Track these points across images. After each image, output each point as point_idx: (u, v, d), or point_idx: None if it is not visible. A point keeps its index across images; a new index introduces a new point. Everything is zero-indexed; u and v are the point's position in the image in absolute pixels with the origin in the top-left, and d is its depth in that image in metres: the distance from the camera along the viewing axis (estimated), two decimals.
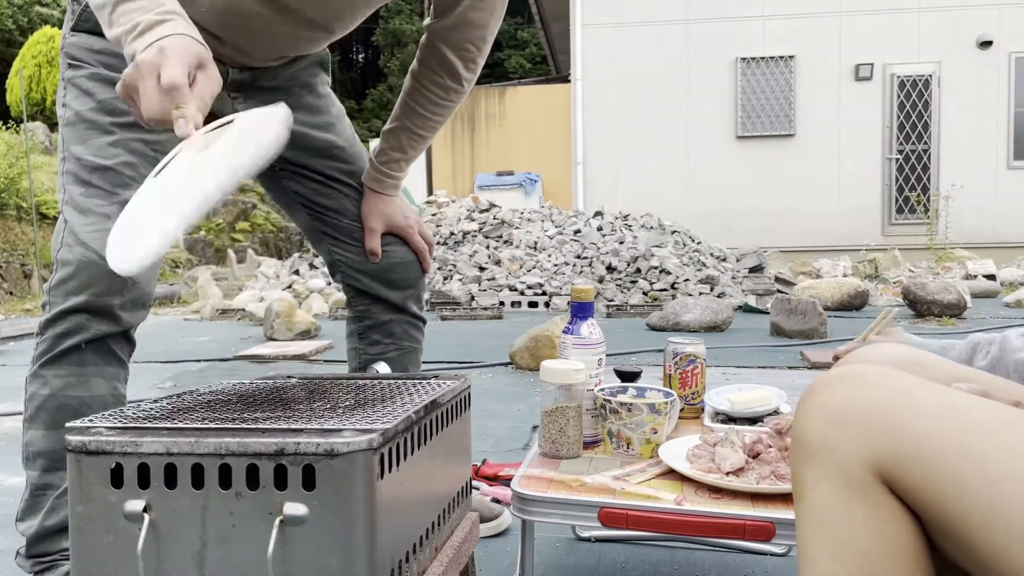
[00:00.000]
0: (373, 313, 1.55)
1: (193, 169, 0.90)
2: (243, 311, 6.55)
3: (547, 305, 6.77)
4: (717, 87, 10.21)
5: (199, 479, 0.74)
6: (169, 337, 5.47)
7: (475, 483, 1.88)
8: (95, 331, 1.23)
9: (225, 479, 0.74)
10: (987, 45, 9.83)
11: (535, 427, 2.64)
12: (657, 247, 7.38)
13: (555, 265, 7.26)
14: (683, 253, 7.43)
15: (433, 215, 8.66)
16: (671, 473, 1.15)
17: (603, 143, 10.38)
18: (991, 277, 8.14)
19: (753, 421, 1.39)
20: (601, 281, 7.02)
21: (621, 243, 7.51)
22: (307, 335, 5.14)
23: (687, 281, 6.87)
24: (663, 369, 1.50)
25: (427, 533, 0.94)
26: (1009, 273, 8.29)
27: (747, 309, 6.37)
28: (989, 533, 0.61)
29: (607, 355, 1.38)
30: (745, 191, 10.18)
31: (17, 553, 1.31)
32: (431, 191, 11.85)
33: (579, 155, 10.45)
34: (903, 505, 0.67)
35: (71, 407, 1.24)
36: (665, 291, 6.81)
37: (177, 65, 0.95)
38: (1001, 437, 0.64)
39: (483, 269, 7.42)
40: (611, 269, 7.17)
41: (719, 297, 6.64)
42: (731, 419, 1.41)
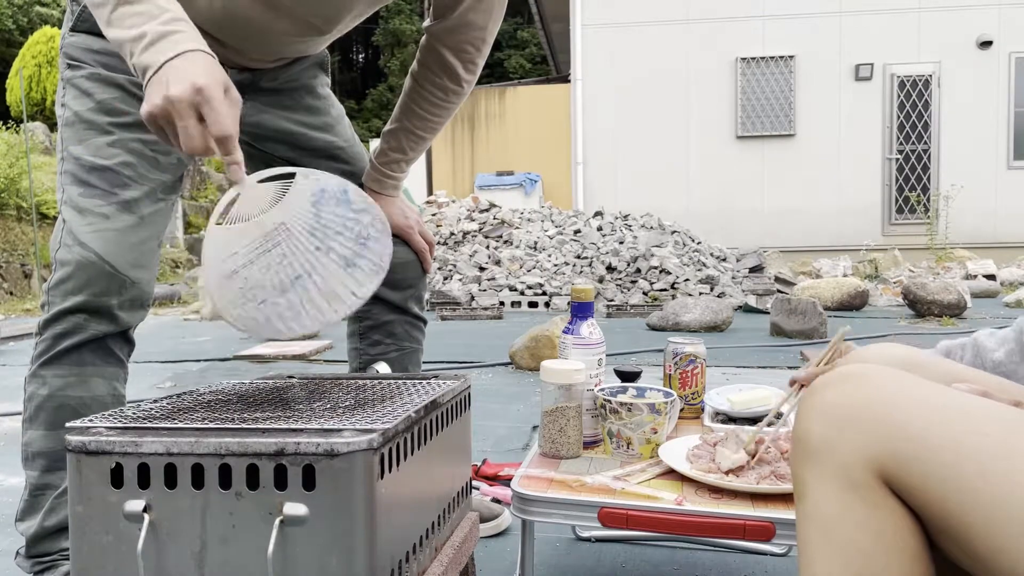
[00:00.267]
0: (374, 314, 1.55)
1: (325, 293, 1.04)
2: None
3: (547, 305, 6.77)
4: (717, 87, 10.21)
5: (199, 479, 0.74)
6: (169, 337, 5.47)
7: (475, 483, 1.88)
8: (93, 331, 1.23)
9: (225, 479, 0.74)
10: (987, 45, 9.83)
11: (535, 427, 2.64)
12: (657, 247, 7.38)
13: (555, 265, 7.26)
14: (683, 253, 7.43)
15: (433, 215, 8.66)
16: (671, 473, 1.15)
17: (603, 143, 10.38)
18: (991, 277, 8.14)
19: (753, 421, 1.39)
20: (601, 281, 7.02)
21: (621, 243, 7.51)
22: (307, 335, 5.14)
23: (687, 281, 6.87)
24: (663, 369, 1.50)
25: (427, 533, 0.94)
26: (1009, 273, 8.30)
27: (747, 309, 6.37)
28: (989, 532, 0.61)
29: (607, 355, 1.38)
30: (745, 191, 10.18)
31: (17, 553, 1.31)
32: (431, 191, 11.85)
33: (579, 155, 10.45)
34: (903, 505, 0.67)
35: (70, 407, 1.24)
36: (665, 291, 6.81)
37: (222, 111, 0.96)
38: (1001, 436, 0.64)
39: (483, 269, 7.42)
40: (611, 269, 7.17)
41: (719, 297, 6.64)
42: (731, 419, 1.41)
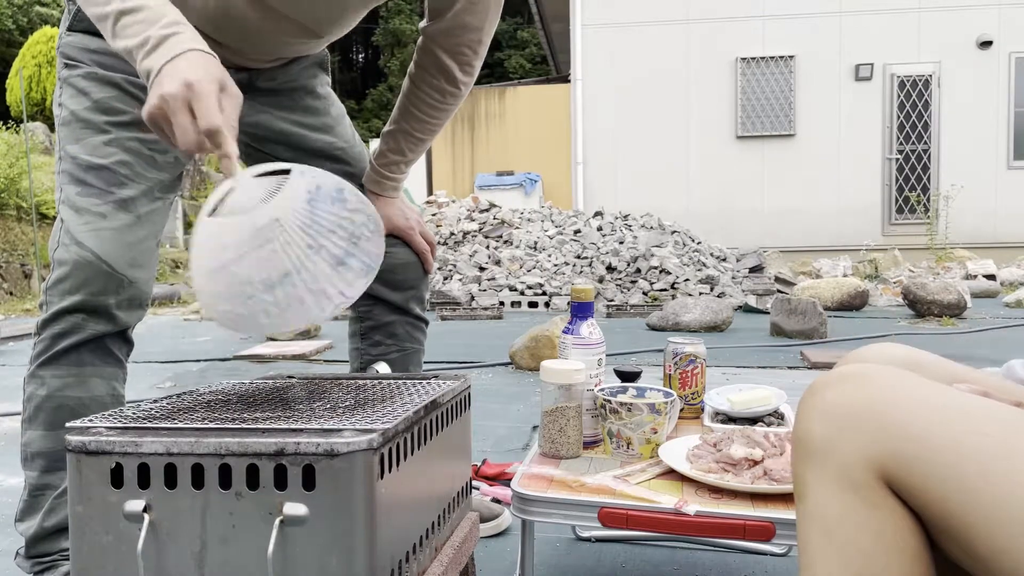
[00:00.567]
0: (375, 314, 1.54)
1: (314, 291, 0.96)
2: None
3: (547, 305, 6.77)
4: (717, 87, 10.21)
5: (199, 479, 0.74)
6: (169, 337, 5.47)
7: (475, 483, 1.88)
8: (91, 331, 1.23)
9: (225, 479, 0.74)
10: (987, 45, 9.83)
11: (535, 427, 2.64)
12: (657, 247, 7.38)
13: (555, 265, 7.26)
14: (683, 253, 7.43)
15: (433, 215, 8.66)
16: (671, 473, 1.15)
17: (603, 143, 10.38)
18: (991, 277, 8.14)
19: (753, 421, 1.39)
20: (601, 281, 7.02)
21: (621, 243, 7.51)
22: (307, 335, 5.14)
23: (687, 281, 6.87)
24: (663, 369, 1.50)
25: (427, 533, 0.94)
26: (1009, 273, 8.30)
27: (747, 309, 6.37)
28: (990, 532, 0.61)
29: (607, 355, 1.38)
30: (745, 191, 10.18)
31: (17, 553, 1.31)
32: (431, 191, 11.85)
33: (579, 155, 10.45)
34: (904, 505, 0.67)
35: (69, 407, 1.24)
36: (665, 291, 6.81)
37: (210, 104, 0.95)
38: (1002, 436, 0.64)
39: (483, 269, 7.42)
40: (611, 269, 7.17)
41: (719, 297, 6.64)
42: (731, 419, 1.41)
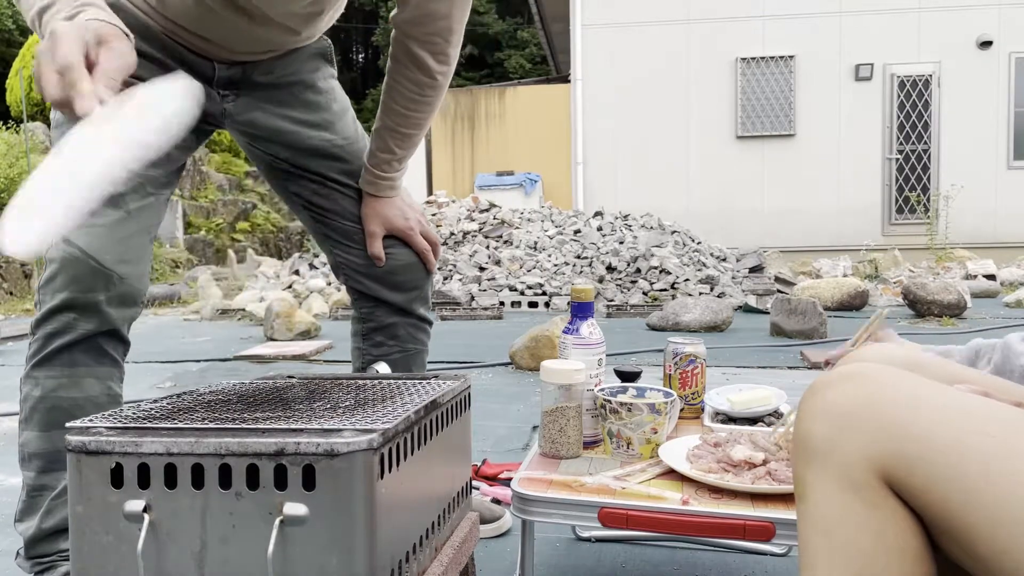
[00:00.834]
0: (377, 315, 1.53)
1: (89, 146, 0.85)
2: (243, 311, 6.55)
3: (547, 305, 6.77)
4: (717, 87, 10.21)
5: (199, 479, 0.74)
6: (169, 337, 5.47)
7: (475, 483, 1.88)
8: (83, 329, 1.23)
9: (225, 479, 0.74)
10: (987, 45, 9.83)
11: (535, 427, 2.64)
12: (657, 247, 7.38)
13: (555, 265, 7.26)
14: (683, 253, 7.43)
15: (433, 215, 8.66)
16: (671, 473, 1.15)
17: (603, 143, 10.38)
18: (991, 277, 8.14)
19: (753, 421, 1.39)
20: (601, 281, 7.02)
21: (621, 243, 7.51)
22: (307, 335, 5.14)
23: (687, 281, 6.87)
24: (663, 369, 1.50)
25: (427, 533, 0.94)
26: (1009, 273, 8.29)
27: (747, 309, 6.37)
28: (991, 533, 0.61)
29: (607, 355, 1.38)
30: (745, 191, 10.18)
31: (17, 554, 1.31)
32: (431, 191, 11.85)
33: (579, 155, 10.45)
34: (905, 505, 0.67)
35: (64, 408, 1.23)
36: (665, 291, 6.81)
37: (67, 43, 0.92)
38: (1003, 437, 0.64)
39: (483, 269, 7.42)
40: (611, 269, 7.17)
41: (719, 297, 6.64)
42: (731, 419, 1.41)
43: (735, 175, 10.19)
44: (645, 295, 6.80)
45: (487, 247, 7.93)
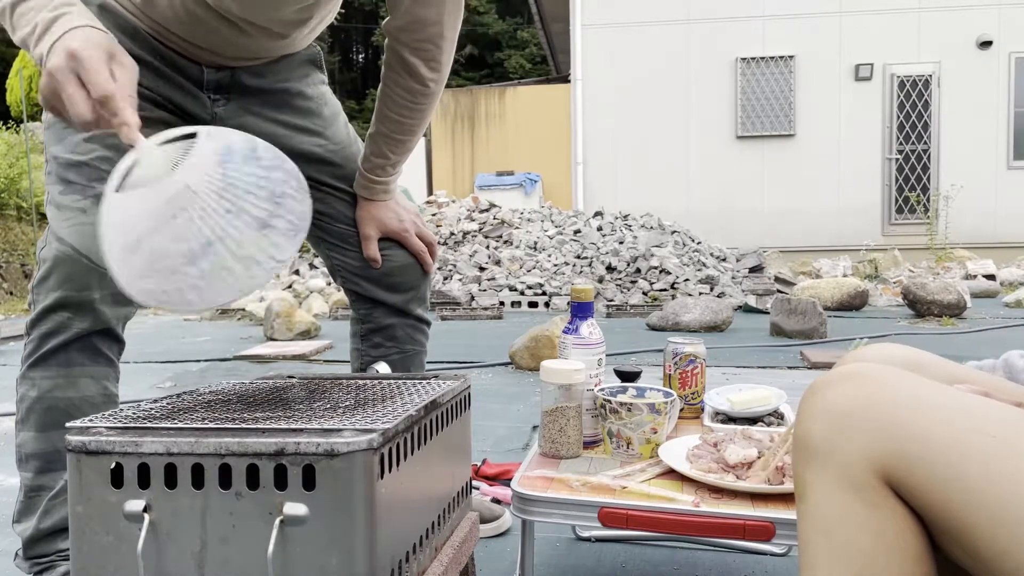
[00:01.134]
0: (375, 317, 1.53)
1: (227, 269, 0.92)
2: (243, 311, 6.55)
3: (547, 305, 6.77)
4: (717, 87, 10.21)
5: (199, 479, 0.74)
6: (169, 337, 5.47)
7: (475, 483, 1.88)
8: (77, 329, 1.23)
9: (225, 479, 0.74)
10: (987, 45, 9.83)
11: (535, 427, 2.64)
12: (657, 247, 7.38)
13: (555, 265, 7.26)
14: (683, 253, 7.43)
15: (433, 215, 8.66)
16: (671, 473, 1.15)
17: (603, 143, 10.38)
18: (991, 277, 8.14)
19: (753, 421, 1.39)
20: (601, 281, 7.02)
21: (621, 243, 7.51)
22: (307, 335, 5.14)
23: (687, 281, 6.87)
24: (663, 369, 1.50)
25: (427, 533, 0.94)
26: (1009, 273, 8.29)
27: (747, 309, 6.37)
28: (992, 533, 0.61)
29: (607, 355, 1.38)
30: (745, 191, 10.18)
31: (16, 554, 1.31)
32: (431, 191, 11.85)
33: (579, 155, 10.45)
34: (905, 505, 0.67)
35: (60, 408, 1.23)
36: (665, 291, 6.81)
37: (98, 70, 0.94)
38: (1003, 437, 0.63)
39: (483, 269, 7.42)
40: (611, 269, 7.17)
41: (719, 297, 6.64)
42: (731, 419, 1.41)
43: (735, 175, 10.19)
44: (645, 295, 6.80)
45: (487, 247, 7.93)
